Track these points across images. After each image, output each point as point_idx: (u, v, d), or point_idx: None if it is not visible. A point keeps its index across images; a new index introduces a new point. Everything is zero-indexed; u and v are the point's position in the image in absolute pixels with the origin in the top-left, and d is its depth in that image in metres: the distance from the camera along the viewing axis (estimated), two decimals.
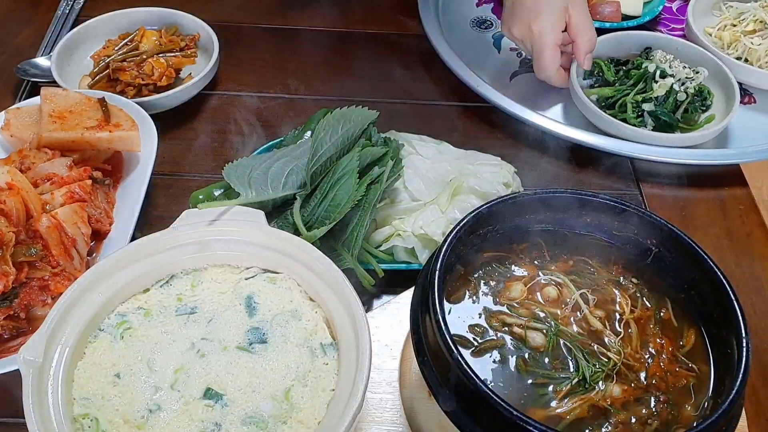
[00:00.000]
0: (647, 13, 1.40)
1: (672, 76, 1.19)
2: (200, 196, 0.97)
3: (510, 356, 0.69)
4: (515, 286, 0.74)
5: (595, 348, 0.69)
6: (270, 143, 1.07)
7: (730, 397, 0.60)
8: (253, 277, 0.79)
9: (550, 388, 0.66)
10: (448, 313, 0.70)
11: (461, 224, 0.71)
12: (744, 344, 0.63)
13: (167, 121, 1.18)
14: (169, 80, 1.21)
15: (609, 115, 1.17)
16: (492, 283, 0.74)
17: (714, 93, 1.22)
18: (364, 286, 0.92)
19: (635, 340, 0.70)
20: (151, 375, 0.70)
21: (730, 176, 1.16)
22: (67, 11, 1.39)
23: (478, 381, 0.60)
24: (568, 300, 0.73)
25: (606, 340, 0.70)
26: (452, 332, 0.63)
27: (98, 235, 0.97)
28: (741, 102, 1.26)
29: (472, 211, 0.73)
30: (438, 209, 0.97)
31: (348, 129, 0.96)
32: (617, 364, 0.68)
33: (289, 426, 0.67)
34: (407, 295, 0.87)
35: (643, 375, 0.68)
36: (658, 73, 1.19)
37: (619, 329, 0.71)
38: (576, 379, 0.67)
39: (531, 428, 0.58)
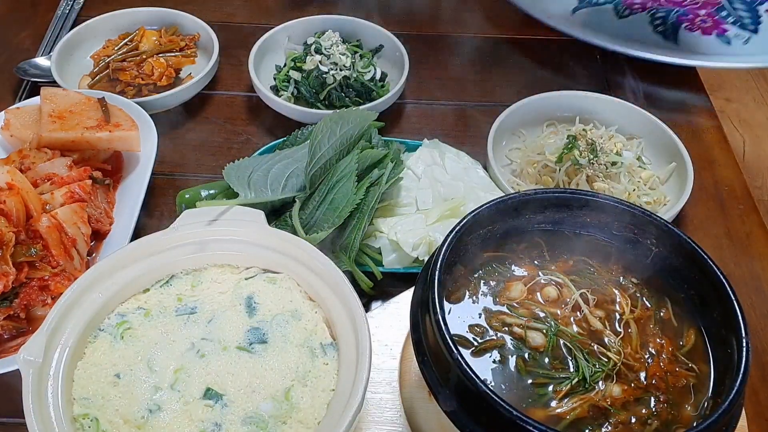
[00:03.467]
0: None
1: None
2: (187, 195, 0.97)
3: (510, 356, 0.68)
4: (515, 286, 0.74)
5: (595, 348, 0.69)
6: (271, 144, 1.07)
7: (730, 397, 0.60)
8: (253, 277, 0.79)
9: (550, 388, 0.66)
10: (448, 313, 0.70)
11: (461, 224, 0.71)
12: (744, 344, 0.63)
13: (167, 121, 1.18)
14: (169, 80, 1.21)
15: None
16: (492, 283, 0.74)
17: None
18: (363, 288, 0.92)
19: (635, 340, 0.70)
20: (151, 375, 0.70)
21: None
22: (67, 11, 1.39)
23: (478, 381, 0.60)
24: (568, 300, 0.73)
25: (606, 340, 0.70)
26: (452, 332, 0.63)
27: (98, 235, 0.97)
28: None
29: (472, 211, 0.73)
30: (423, 220, 0.96)
31: (346, 131, 0.96)
32: (617, 364, 0.68)
33: (289, 426, 0.67)
34: (407, 295, 0.87)
35: (643, 375, 0.68)
36: None
37: (619, 329, 0.71)
38: (576, 379, 0.67)
39: (531, 428, 0.57)
